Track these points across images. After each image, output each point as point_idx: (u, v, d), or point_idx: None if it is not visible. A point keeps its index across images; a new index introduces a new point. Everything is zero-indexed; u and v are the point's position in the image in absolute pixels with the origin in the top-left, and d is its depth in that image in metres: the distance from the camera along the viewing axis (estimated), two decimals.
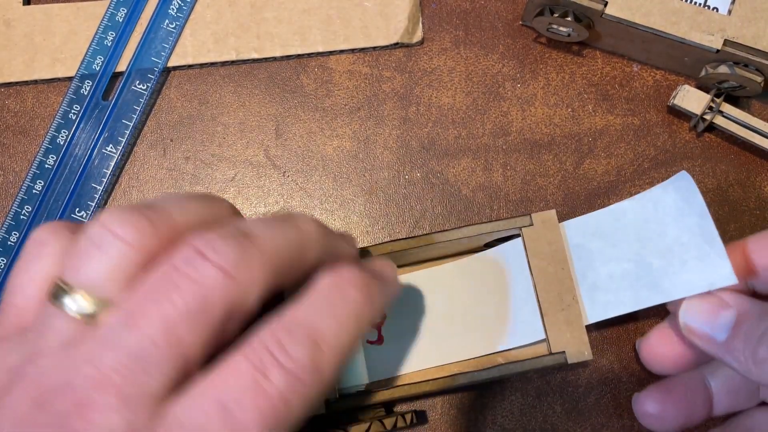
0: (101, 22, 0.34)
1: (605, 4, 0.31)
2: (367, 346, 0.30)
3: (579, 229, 0.29)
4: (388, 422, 0.27)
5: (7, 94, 0.34)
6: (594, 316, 0.28)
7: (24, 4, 0.34)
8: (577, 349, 0.27)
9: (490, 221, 0.29)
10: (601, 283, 0.28)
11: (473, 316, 0.30)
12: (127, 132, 0.34)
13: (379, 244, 0.29)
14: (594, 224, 0.29)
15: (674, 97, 0.33)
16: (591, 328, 0.31)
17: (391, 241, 0.29)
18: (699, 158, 0.34)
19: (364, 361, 0.29)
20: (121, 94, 0.34)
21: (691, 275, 0.27)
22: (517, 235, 0.29)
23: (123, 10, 0.34)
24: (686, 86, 0.33)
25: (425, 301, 0.31)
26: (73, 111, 0.34)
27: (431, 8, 0.35)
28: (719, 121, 0.33)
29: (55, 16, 0.34)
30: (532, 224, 0.28)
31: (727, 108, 0.32)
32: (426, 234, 0.29)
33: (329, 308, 0.19)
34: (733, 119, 0.32)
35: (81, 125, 0.34)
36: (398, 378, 0.30)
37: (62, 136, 0.33)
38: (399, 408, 0.31)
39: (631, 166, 0.34)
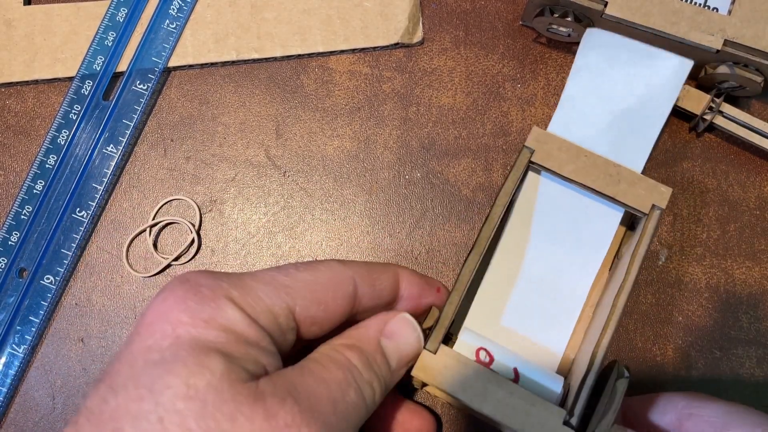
0: (102, 22, 0.34)
1: (605, 5, 0.31)
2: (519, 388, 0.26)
3: (559, 128, 0.30)
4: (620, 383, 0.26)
5: (7, 94, 0.34)
6: (639, 163, 0.29)
7: (24, 4, 0.35)
8: (657, 193, 0.28)
9: (505, 180, 0.28)
10: (620, 143, 0.29)
11: (559, 260, 0.30)
12: (128, 132, 0.34)
13: (456, 279, 0.27)
14: (563, 119, 0.30)
15: None
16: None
17: (462, 266, 0.27)
18: (699, 158, 0.34)
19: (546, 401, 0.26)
20: (122, 94, 0.34)
21: (660, 83, 0.29)
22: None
23: (123, 10, 0.34)
24: (686, 86, 0.33)
25: (510, 301, 0.30)
26: (73, 111, 0.34)
27: (431, 8, 0.35)
28: (719, 121, 0.33)
29: (55, 16, 0.34)
30: (534, 150, 0.28)
31: (727, 108, 0.32)
32: (478, 239, 0.27)
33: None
34: (733, 119, 0.33)
35: (82, 125, 0.34)
36: (568, 362, 0.29)
37: (63, 136, 0.33)
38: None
39: None
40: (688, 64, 0.29)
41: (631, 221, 0.30)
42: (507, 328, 0.29)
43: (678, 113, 0.34)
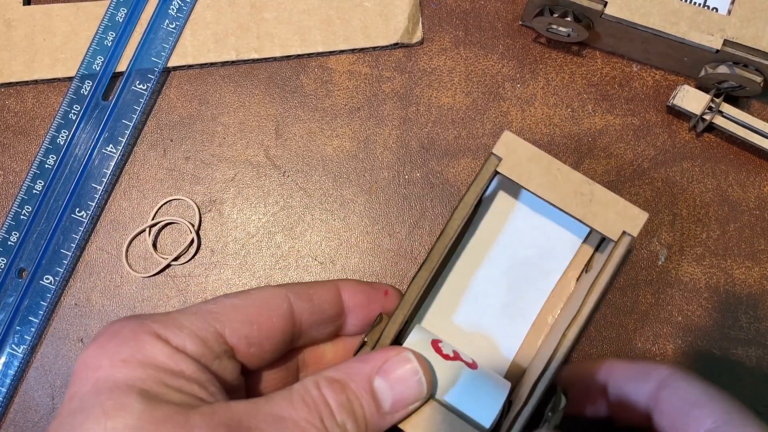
0: (101, 22, 0.34)
1: (605, 5, 0.31)
2: (472, 373, 0.26)
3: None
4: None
5: (7, 94, 0.34)
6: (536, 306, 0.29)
7: (24, 4, 0.35)
8: (630, 218, 0.25)
9: (467, 191, 0.26)
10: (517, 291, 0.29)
11: (518, 268, 0.29)
12: (127, 132, 0.34)
13: (405, 291, 0.26)
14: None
15: (674, 97, 0.33)
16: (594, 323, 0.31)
17: (411, 282, 0.26)
18: (699, 158, 0.34)
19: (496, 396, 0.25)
20: (122, 94, 0.34)
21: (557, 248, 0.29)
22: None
23: (123, 11, 0.34)
24: (686, 86, 0.33)
25: (476, 299, 0.29)
26: (73, 111, 0.34)
27: (431, 8, 0.35)
28: (719, 121, 0.33)
29: (55, 17, 0.34)
30: (501, 158, 0.26)
31: (726, 108, 0.32)
32: (430, 253, 0.26)
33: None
34: (733, 119, 0.32)
35: (81, 125, 0.34)
36: (518, 365, 0.29)
37: (62, 136, 0.33)
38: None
39: (630, 166, 0.34)
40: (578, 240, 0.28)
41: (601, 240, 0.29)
42: (460, 329, 0.29)
43: (678, 113, 0.34)
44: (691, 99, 0.32)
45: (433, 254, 0.26)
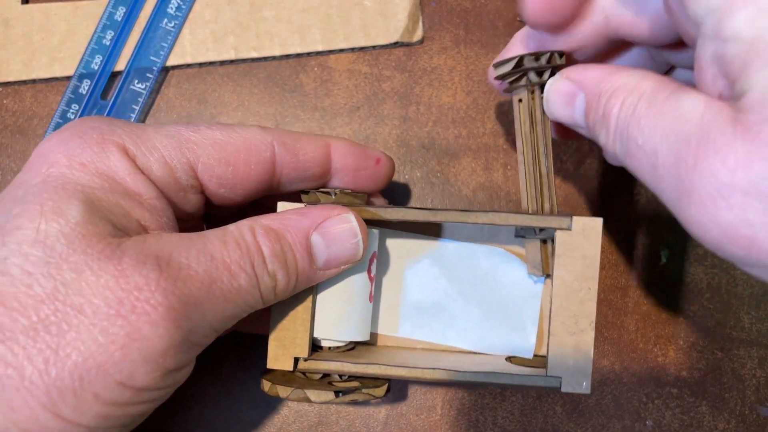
0: (100, 21, 0.34)
1: None
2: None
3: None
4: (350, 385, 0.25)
5: (5, 94, 0.34)
6: (404, 332, 0.29)
7: (22, 2, 0.34)
8: (576, 379, 0.24)
9: (522, 212, 0.25)
10: (424, 307, 0.29)
11: (469, 306, 0.29)
12: None
13: (389, 206, 0.25)
14: (447, 252, 0.29)
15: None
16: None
17: (404, 207, 0.25)
18: None
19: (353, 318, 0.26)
20: (120, 93, 0.34)
21: (501, 338, 0.28)
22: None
23: (122, 9, 0.34)
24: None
25: (426, 273, 0.29)
26: (71, 110, 0.33)
27: (431, 7, 0.35)
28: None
29: (53, 15, 0.34)
30: (570, 228, 0.24)
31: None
32: (445, 209, 0.25)
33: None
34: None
35: None
36: (377, 345, 0.28)
37: None
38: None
39: None
40: (529, 354, 0.28)
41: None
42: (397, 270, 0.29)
43: None
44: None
45: (443, 211, 0.25)
